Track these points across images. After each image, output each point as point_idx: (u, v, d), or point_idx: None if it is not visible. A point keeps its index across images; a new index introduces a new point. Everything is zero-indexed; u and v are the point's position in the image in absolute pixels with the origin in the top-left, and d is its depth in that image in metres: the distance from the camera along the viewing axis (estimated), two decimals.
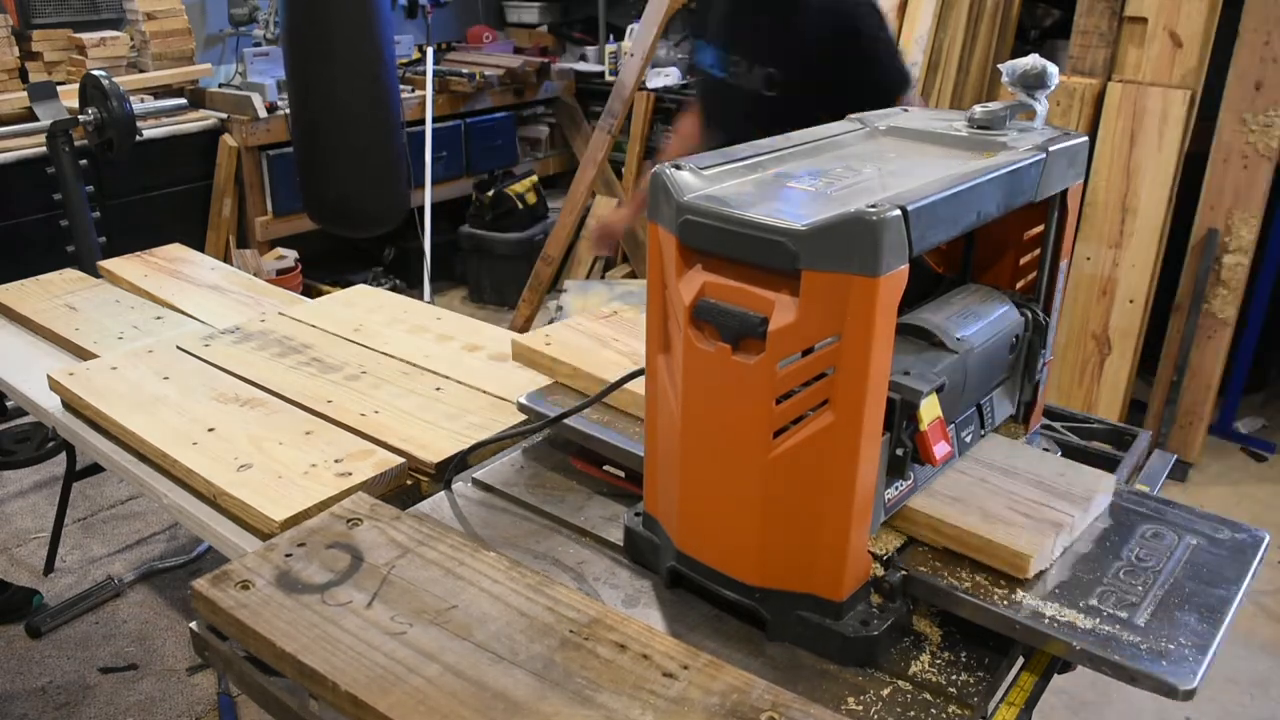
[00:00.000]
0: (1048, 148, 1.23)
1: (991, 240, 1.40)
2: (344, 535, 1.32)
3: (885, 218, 0.96)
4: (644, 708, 1.02)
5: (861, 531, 1.10)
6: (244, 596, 1.20)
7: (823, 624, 1.12)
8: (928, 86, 3.86)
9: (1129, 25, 3.44)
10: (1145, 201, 3.38)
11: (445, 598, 1.19)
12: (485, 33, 5.93)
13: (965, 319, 1.26)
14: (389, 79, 4.05)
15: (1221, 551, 1.19)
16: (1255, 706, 2.55)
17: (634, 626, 1.14)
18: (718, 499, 1.14)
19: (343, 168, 4.02)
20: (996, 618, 1.09)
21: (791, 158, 1.23)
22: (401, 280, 5.09)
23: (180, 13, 4.60)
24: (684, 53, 5.41)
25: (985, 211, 1.14)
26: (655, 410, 1.20)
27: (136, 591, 2.95)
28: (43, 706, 2.52)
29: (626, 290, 3.74)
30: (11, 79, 4.13)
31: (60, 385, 1.91)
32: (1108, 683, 1.03)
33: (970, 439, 1.29)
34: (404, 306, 2.33)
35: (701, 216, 1.06)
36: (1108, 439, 1.61)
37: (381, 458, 1.62)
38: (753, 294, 1.04)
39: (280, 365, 1.99)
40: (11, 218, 3.92)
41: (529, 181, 5.12)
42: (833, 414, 1.03)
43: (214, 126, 4.46)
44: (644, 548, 1.31)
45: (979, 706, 1.08)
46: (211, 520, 1.57)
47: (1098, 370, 3.54)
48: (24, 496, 3.46)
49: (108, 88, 3.13)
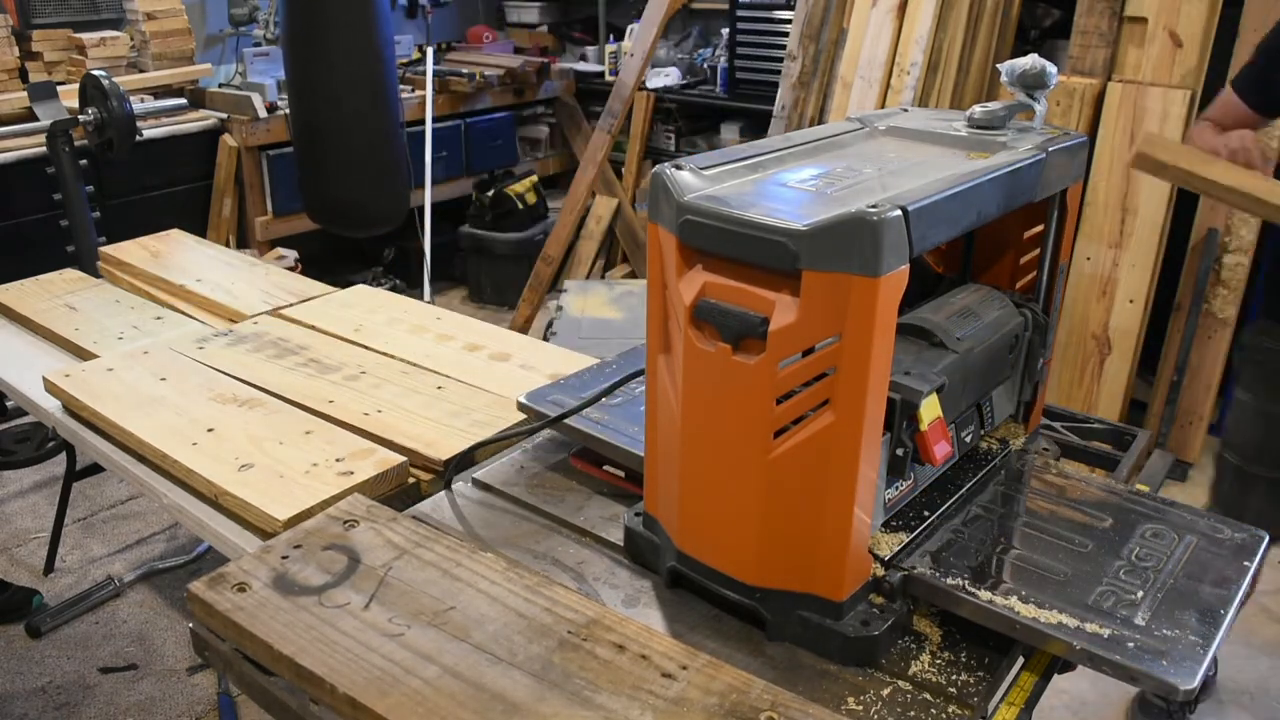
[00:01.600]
0: (1047, 148, 1.23)
1: (991, 240, 1.40)
2: (341, 537, 1.31)
3: (886, 218, 0.96)
4: (643, 708, 1.02)
5: (862, 532, 1.10)
6: (240, 599, 1.19)
7: (823, 624, 1.12)
8: (928, 86, 3.86)
9: (1129, 25, 3.44)
10: (1145, 201, 3.38)
11: (443, 599, 1.19)
12: (485, 33, 5.93)
13: (965, 319, 1.26)
14: (389, 79, 4.05)
15: (1222, 551, 1.19)
16: (1255, 706, 2.55)
17: (632, 627, 1.14)
18: (718, 499, 1.14)
19: (343, 168, 4.02)
20: (996, 618, 1.09)
21: (792, 158, 1.23)
22: (401, 280, 5.09)
23: (180, 13, 4.60)
24: (684, 52, 5.42)
25: (985, 211, 1.14)
26: (655, 410, 1.20)
27: (136, 591, 2.95)
28: (43, 706, 2.52)
29: (626, 290, 3.73)
30: (11, 79, 4.13)
31: (57, 387, 1.91)
32: (1108, 683, 1.03)
33: (970, 439, 1.29)
34: (404, 306, 2.32)
35: (702, 216, 1.06)
36: (1107, 439, 1.61)
37: (383, 456, 1.62)
38: (753, 294, 1.03)
39: (277, 366, 1.99)
40: (11, 218, 3.92)
41: (529, 181, 5.12)
42: (833, 414, 1.03)
43: (214, 126, 4.46)
44: (644, 548, 1.31)
45: (979, 706, 1.08)
46: (212, 520, 1.57)
47: (1098, 370, 3.54)
48: (24, 496, 3.46)
49: (108, 88, 3.13)
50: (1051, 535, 1.22)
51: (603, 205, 5.11)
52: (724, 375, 1.06)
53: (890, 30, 3.92)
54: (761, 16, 4.75)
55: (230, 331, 2.16)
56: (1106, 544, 1.20)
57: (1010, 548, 1.20)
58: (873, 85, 3.97)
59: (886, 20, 3.94)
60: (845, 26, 4.11)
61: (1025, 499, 1.30)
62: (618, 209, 5.12)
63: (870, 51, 3.98)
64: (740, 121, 5.13)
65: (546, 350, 2.09)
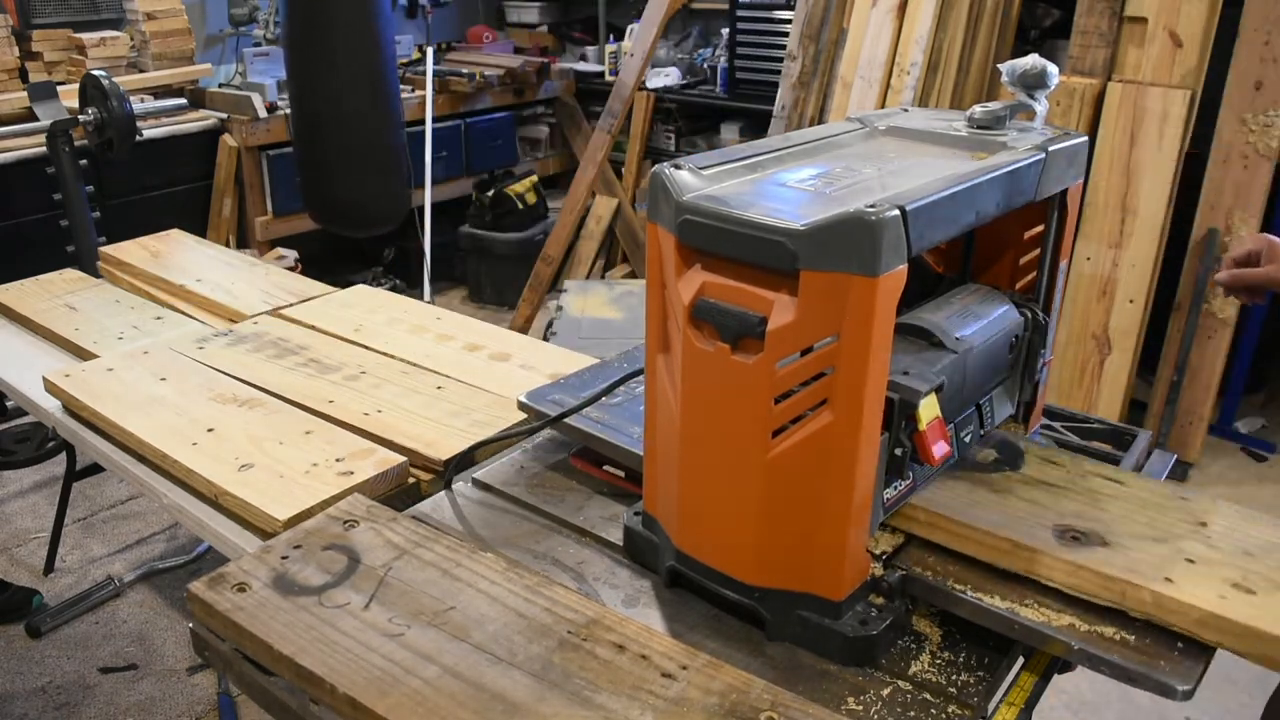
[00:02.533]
0: (1047, 148, 1.23)
1: (991, 240, 1.40)
2: (340, 537, 1.31)
3: (884, 218, 0.95)
4: (643, 708, 1.02)
5: (860, 531, 1.10)
6: (240, 599, 1.19)
7: (822, 623, 1.12)
8: (928, 86, 3.86)
9: (1129, 25, 3.44)
10: (1145, 201, 3.38)
11: (443, 599, 1.19)
12: (485, 33, 5.94)
13: (964, 319, 1.26)
14: (389, 79, 4.05)
15: None
16: (1255, 706, 2.54)
17: (632, 627, 1.14)
18: (717, 498, 1.14)
19: (343, 168, 4.03)
20: (995, 617, 1.09)
21: (791, 158, 1.23)
22: (401, 280, 5.09)
23: (180, 13, 4.61)
24: (684, 52, 5.42)
25: (984, 211, 1.14)
26: (654, 410, 1.20)
27: (136, 591, 2.96)
28: (43, 706, 2.52)
29: (626, 290, 3.73)
30: (11, 79, 4.14)
31: (57, 387, 1.91)
32: (1108, 683, 1.02)
33: (970, 439, 1.29)
34: (404, 306, 2.32)
35: (700, 216, 1.06)
36: (1108, 439, 1.60)
37: (383, 456, 1.62)
38: (752, 294, 1.03)
39: (277, 366, 1.99)
40: (11, 218, 3.92)
41: (529, 181, 5.12)
42: (831, 414, 1.03)
43: (214, 126, 4.46)
44: (643, 547, 1.31)
45: (979, 706, 1.08)
46: (212, 520, 1.57)
47: (1098, 370, 3.54)
48: (24, 496, 3.46)
49: (108, 88, 3.13)
50: None
51: (603, 205, 5.11)
52: (722, 375, 1.06)
53: (890, 30, 3.93)
54: (761, 16, 4.76)
55: (230, 331, 2.16)
56: None
57: None
58: (873, 85, 3.97)
59: (886, 20, 3.94)
60: (845, 26, 4.11)
61: None
62: (618, 209, 5.12)
63: (870, 51, 3.98)
64: (740, 121, 5.13)
65: (546, 350, 2.09)
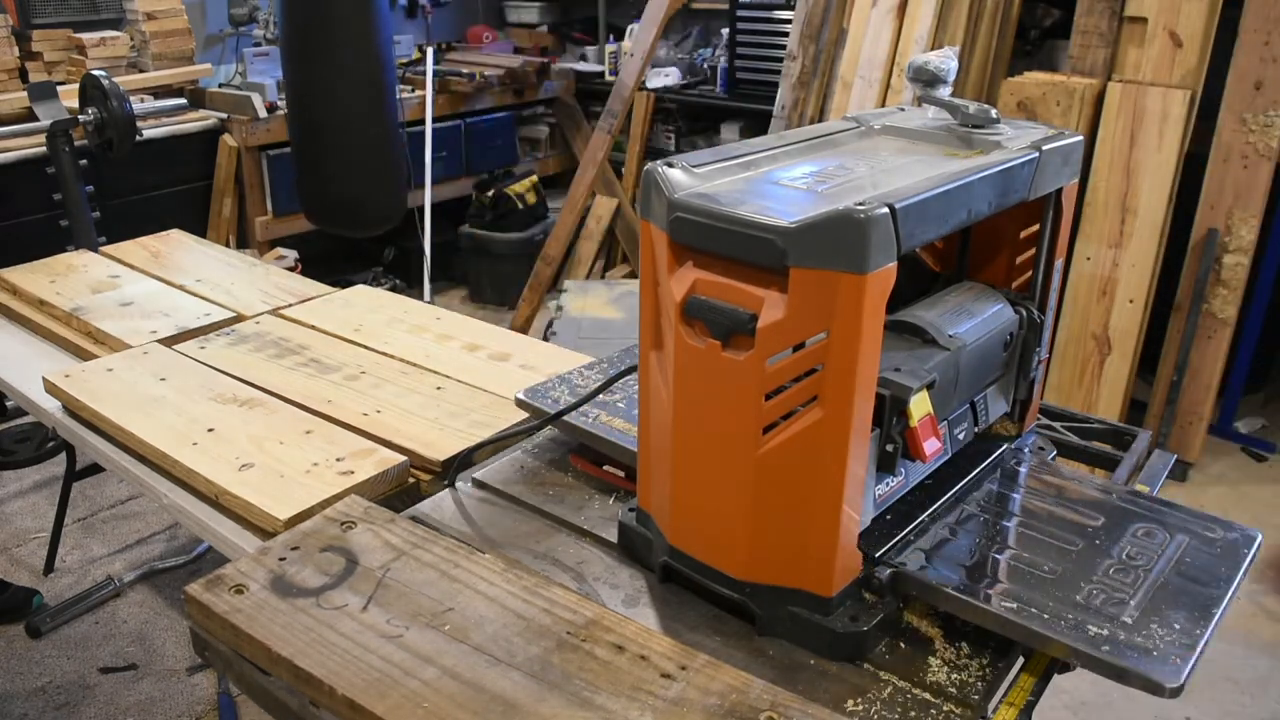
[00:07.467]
0: (1041, 147, 1.24)
1: (987, 238, 1.40)
2: (338, 538, 1.32)
3: (872, 215, 0.96)
4: (643, 709, 1.02)
5: (851, 527, 1.10)
6: (238, 601, 1.19)
7: (812, 619, 1.12)
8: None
9: (1129, 25, 3.44)
10: (1145, 201, 3.38)
11: (441, 600, 1.19)
12: (485, 33, 5.94)
13: (958, 316, 1.26)
14: (388, 79, 4.05)
15: (1213, 550, 1.19)
16: (1255, 706, 2.55)
17: (632, 627, 1.14)
18: (709, 494, 1.14)
19: (342, 168, 4.02)
20: (985, 614, 1.09)
21: (785, 156, 1.23)
22: (401, 280, 5.10)
23: (180, 13, 4.61)
24: (684, 52, 5.42)
25: (976, 210, 1.14)
26: (648, 406, 1.21)
27: (136, 591, 2.96)
28: (43, 706, 2.53)
29: (626, 290, 3.74)
30: (11, 79, 4.14)
31: (57, 387, 1.91)
32: (1107, 683, 1.03)
33: (963, 436, 1.29)
34: (404, 306, 2.33)
35: (692, 214, 1.06)
36: (1107, 439, 1.61)
37: (383, 456, 1.62)
38: (742, 291, 1.04)
39: (278, 366, 1.99)
40: (12, 218, 3.92)
41: (529, 181, 5.13)
42: (822, 410, 1.03)
43: (214, 126, 4.47)
44: (637, 543, 1.31)
45: (979, 706, 1.08)
46: (212, 520, 1.57)
47: (1098, 370, 3.54)
48: (24, 496, 3.47)
49: (108, 88, 3.14)
50: (1043, 533, 1.22)
51: (603, 205, 5.11)
52: (714, 371, 1.07)
53: (890, 30, 3.93)
54: (761, 16, 4.76)
55: (231, 331, 2.17)
56: (1097, 542, 1.20)
57: (1002, 546, 1.20)
58: (873, 85, 3.97)
59: (886, 20, 3.94)
60: (845, 26, 4.11)
61: (1018, 497, 1.30)
62: (618, 209, 5.12)
63: (870, 51, 3.98)
64: (740, 121, 5.13)
65: (546, 350, 2.09)
